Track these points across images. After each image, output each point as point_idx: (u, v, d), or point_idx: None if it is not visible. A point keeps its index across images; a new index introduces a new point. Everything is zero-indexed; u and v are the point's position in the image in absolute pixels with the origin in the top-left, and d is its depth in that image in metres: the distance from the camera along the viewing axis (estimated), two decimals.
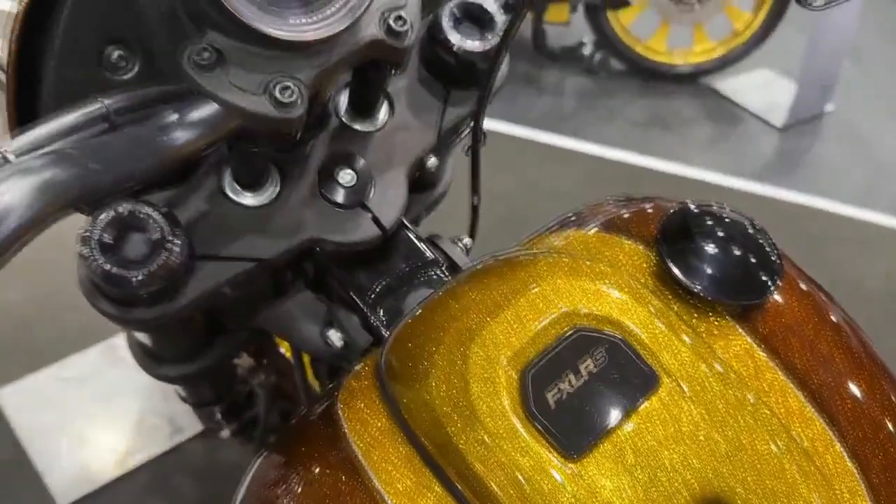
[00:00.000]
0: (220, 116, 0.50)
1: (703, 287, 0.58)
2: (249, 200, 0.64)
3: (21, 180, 0.38)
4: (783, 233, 2.60)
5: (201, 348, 0.80)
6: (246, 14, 0.46)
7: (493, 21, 0.70)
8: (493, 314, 0.54)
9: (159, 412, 1.83)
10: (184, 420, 1.80)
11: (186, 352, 0.80)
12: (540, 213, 0.77)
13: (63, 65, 0.53)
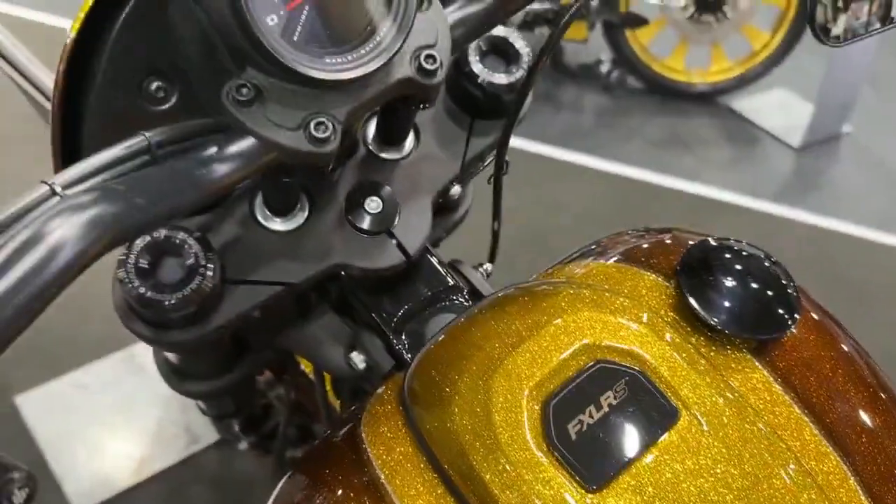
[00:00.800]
0: (258, 150, 0.51)
1: (722, 321, 0.59)
2: (279, 226, 0.66)
3: (72, 216, 0.40)
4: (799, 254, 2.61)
5: (226, 366, 0.82)
6: (285, 55, 0.48)
7: (519, 54, 0.72)
8: (515, 345, 0.55)
9: (176, 421, 1.85)
10: (200, 429, 1.82)
11: (212, 369, 0.82)
12: (555, 229, 0.79)
13: (105, 95, 0.55)
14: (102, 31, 0.54)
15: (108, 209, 0.42)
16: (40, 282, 0.37)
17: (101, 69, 0.54)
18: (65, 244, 0.39)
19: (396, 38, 0.53)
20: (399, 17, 0.53)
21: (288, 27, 0.49)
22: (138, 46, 0.55)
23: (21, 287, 0.37)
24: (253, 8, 0.47)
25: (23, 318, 0.37)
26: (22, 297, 0.37)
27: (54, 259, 0.38)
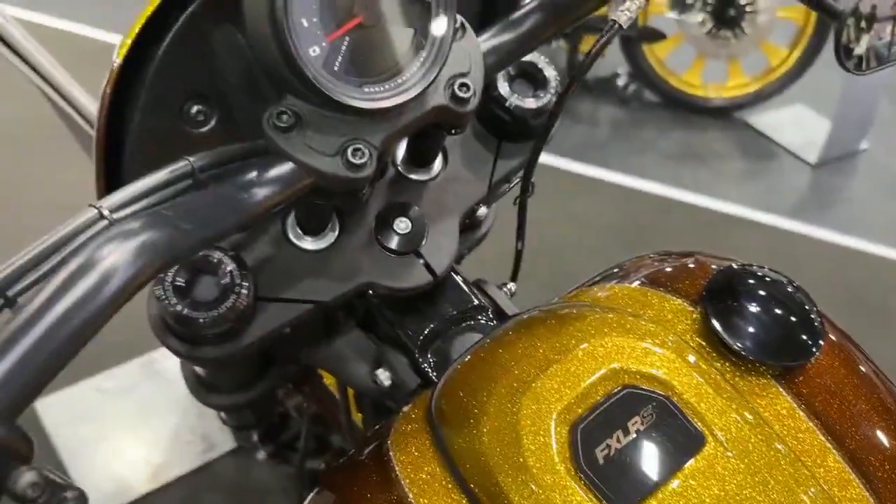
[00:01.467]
0: (296, 175, 0.53)
1: (747, 348, 0.60)
2: (310, 245, 0.68)
3: (123, 243, 0.42)
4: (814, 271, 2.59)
5: (252, 380, 0.84)
6: (327, 85, 0.50)
7: (546, 79, 0.73)
8: (543, 368, 0.56)
9: (193, 428, 1.86)
10: (217, 437, 1.84)
11: (238, 383, 0.83)
12: (568, 242, 0.80)
13: (148, 118, 0.57)
14: (146, 56, 0.55)
15: (158, 235, 0.43)
16: (93, 307, 0.39)
17: (144, 93, 0.56)
18: (116, 270, 0.40)
19: (433, 67, 0.54)
20: (435, 47, 0.54)
21: (329, 58, 0.50)
22: (181, 71, 0.56)
23: (74, 312, 0.38)
24: (296, 40, 0.48)
25: (76, 342, 0.38)
26: (75, 322, 0.38)
27: (106, 285, 0.40)
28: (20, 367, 0.36)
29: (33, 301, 0.39)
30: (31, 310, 0.38)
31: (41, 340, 0.37)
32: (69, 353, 0.38)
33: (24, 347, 0.37)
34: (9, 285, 0.43)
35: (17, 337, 0.37)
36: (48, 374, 0.37)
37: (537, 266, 0.81)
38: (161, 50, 0.55)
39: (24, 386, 0.36)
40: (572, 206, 2.66)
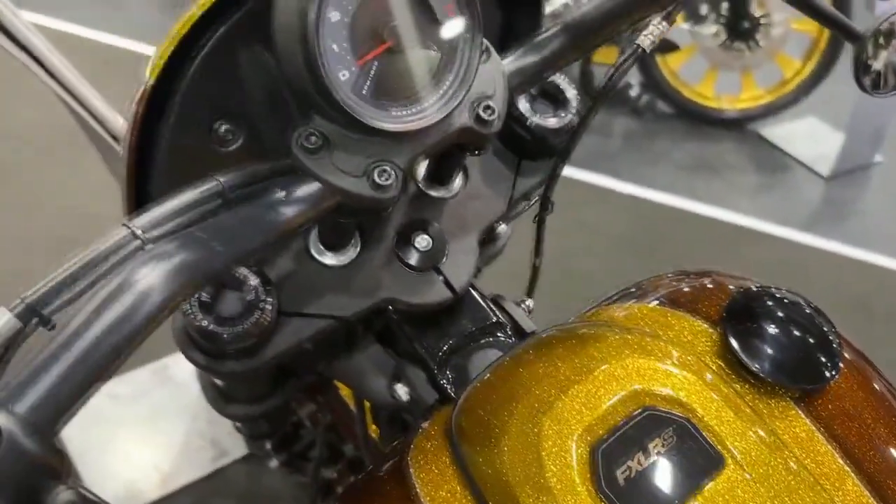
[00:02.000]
0: (322, 195, 0.54)
1: (767, 370, 0.60)
2: (331, 260, 0.68)
3: (158, 265, 0.43)
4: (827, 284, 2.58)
5: (270, 391, 0.84)
6: (356, 109, 0.50)
7: (567, 99, 0.74)
8: (564, 389, 0.57)
9: (204, 434, 1.87)
10: (228, 443, 1.84)
11: (256, 394, 0.84)
12: (579, 252, 0.81)
13: (177, 136, 0.58)
14: (176, 74, 0.56)
15: (191, 257, 0.44)
16: (129, 328, 0.40)
17: (174, 112, 0.57)
18: (152, 292, 0.41)
19: (459, 90, 0.55)
20: (462, 70, 0.55)
21: (358, 81, 0.51)
22: (211, 91, 0.57)
23: (111, 333, 0.39)
24: (327, 64, 0.49)
25: (112, 362, 0.39)
26: (112, 343, 0.39)
27: (142, 306, 0.40)
28: (58, 385, 0.37)
29: (71, 321, 0.40)
30: (69, 330, 0.39)
31: (79, 360, 0.38)
32: (105, 373, 0.39)
33: (63, 367, 0.37)
34: (43, 303, 0.44)
35: (56, 356, 0.38)
36: (85, 394, 0.38)
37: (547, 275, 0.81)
38: (191, 70, 0.56)
39: (61, 405, 0.37)
40: (584, 215, 2.66)
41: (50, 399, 0.37)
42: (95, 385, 0.39)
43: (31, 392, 0.37)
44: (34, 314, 0.44)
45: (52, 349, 0.38)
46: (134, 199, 0.59)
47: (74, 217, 2.47)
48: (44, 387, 0.37)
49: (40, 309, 0.44)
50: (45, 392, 0.37)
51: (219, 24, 0.56)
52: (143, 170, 0.60)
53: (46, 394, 0.37)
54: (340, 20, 0.49)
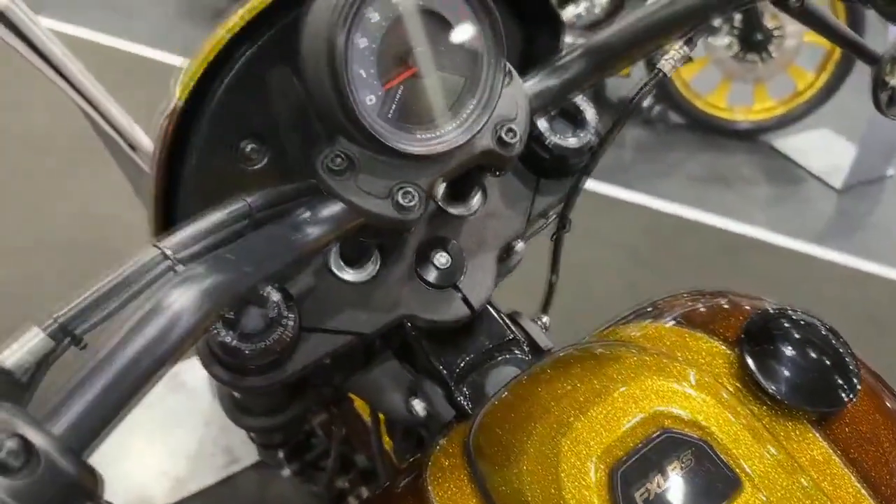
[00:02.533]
0: (346, 215, 0.54)
1: (784, 393, 0.60)
2: (352, 277, 0.69)
3: (189, 287, 0.43)
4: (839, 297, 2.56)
5: (287, 403, 0.85)
6: (382, 133, 0.51)
7: (586, 119, 0.75)
8: (583, 410, 0.57)
9: (216, 441, 1.88)
10: (240, 451, 1.85)
11: (273, 407, 0.85)
12: (589, 262, 0.81)
13: (204, 155, 0.59)
14: (204, 95, 0.57)
15: (221, 279, 0.45)
16: (162, 351, 0.40)
17: (202, 132, 0.57)
18: (183, 315, 0.42)
19: (482, 114, 0.55)
20: (485, 94, 0.55)
21: (384, 106, 0.52)
22: (237, 111, 0.58)
23: (144, 356, 0.40)
24: (354, 89, 0.50)
25: (145, 384, 0.40)
26: (145, 365, 0.40)
27: (175, 329, 0.41)
28: (94, 407, 0.38)
29: (106, 343, 0.40)
30: (104, 352, 0.40)
31: (114, 382, 0.39)
32: (139, 395, 0.40)
33: (98, 389, 0.38)
34: (75, 323, 0.45)
35: (91, 378, 0.39)
36: (119, 415, 0.39)
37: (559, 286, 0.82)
38: (219, 90, 0.57)
39: (97, 426, 0.38)
40: (596, 226, 2.67)
41: (86, 420, 0.37)
42: (129, 407, 0.40)
43: (67, 413, 0.37)
44: (66, 333, 0.44)
45: (88, 371, 0.39)
46: (161, 216, 0.60)
47: (90, 222, 2.50)
48: (79, 408, 0.37)
49: (72, 328, 0.45)
50: (80, 413, 0.37)
51: (246, 47, 0.57)
52: (168, 187, 0.61)
53: (82, 415, 0.37)
54: (368, 46, 0.50)
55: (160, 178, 0.58)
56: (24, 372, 0.43)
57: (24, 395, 0.42)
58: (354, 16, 0.48)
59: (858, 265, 2.66)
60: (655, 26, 0.62)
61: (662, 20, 0.62)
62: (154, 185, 0.58)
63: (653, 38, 0.62)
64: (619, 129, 0.67)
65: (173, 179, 0.60)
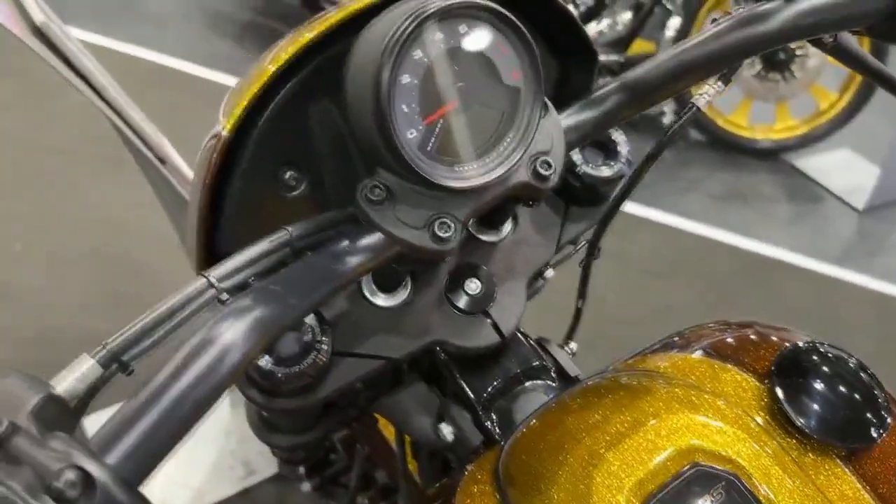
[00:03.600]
0: (384, 245, 0.55)
1: (815, 428, 0.61)
2: (383, 302, 0.70)
3: (237, 320, 0.44)
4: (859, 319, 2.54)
5: (313, 423, 0.86)
6: (422, 167, 0.52)
7: (618, 148, 0.75)
8: (614, 442, 0.57)
9: (234, 453, 1.89)
10: (258, 463, 1.86)
11: (301, 426, 0.86)
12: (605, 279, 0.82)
13: (245, 184, 0.60)
14: (247, 126, 0.58)
15: (268, 312, 0.46)
16: (212, 382, 0.42)
17: (244, 161, 0.59)
18: (232, 347, 0.43)
19: (520, 147, 0.56)
20: (523, 128, 0.56)
21: (424, 140, 0.53)
22: (279, 141, 0.59)
23: (194, 388, 0.41)
24: (397, 125, 0.51)
25: (195, 416, 0.41)
26: (195, 397, 0.41)
27: (224, 361, 0.42)
28: (146, 438, 0.39)
29: (158, 375, 0.42)
30: (156, 384, 0.41)
31: (166, 414, 0.40)
32: (189, 426, 0.41)
33: (151, 420, 0.39)
34: (124, 351, 0.46)
35: (144, 409, 0.40)
36: (169, 447, 0.40)
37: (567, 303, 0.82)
38: (262, 121, 0.58)
39: (150, 457, 0.39)
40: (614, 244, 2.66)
41: (140, 452, 0.38)
42: (181, 438, 0.41)
43: (121, 444, 0.38)
44: (115, 361, 0.46)
45: (142, 402, 0.40)
46: (203, 241, 0.61)
47: (114, 230, 2.53)
48: (134, 439, 0.39)
49: (121, 356, 0.46)
50: (135, 445, 0.38)
51: (290, 79, 0.58)
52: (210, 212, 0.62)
53: (136, 446, 0.38)
54: (411, 82, 0.51)
55: (204, 207, 0.59)
56: (75, 399, 0.44)
57: (74, 422, 0.44)
58: (400, 55, 0.49)
59: (880, 287, 2.64)
60: (692, 64, 0.63)
61: (700, 58, 0.62)
62: (198, 212, 0.59)
63: (689, 75, 0.63)
64: (652, 163, 0.68)
65: (213, 204, 0.62)
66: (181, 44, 3.69)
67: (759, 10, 0.61)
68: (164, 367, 0.42)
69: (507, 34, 0.54)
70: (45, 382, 0.43)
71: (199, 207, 0.59)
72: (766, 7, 0.61)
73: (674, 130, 0.65)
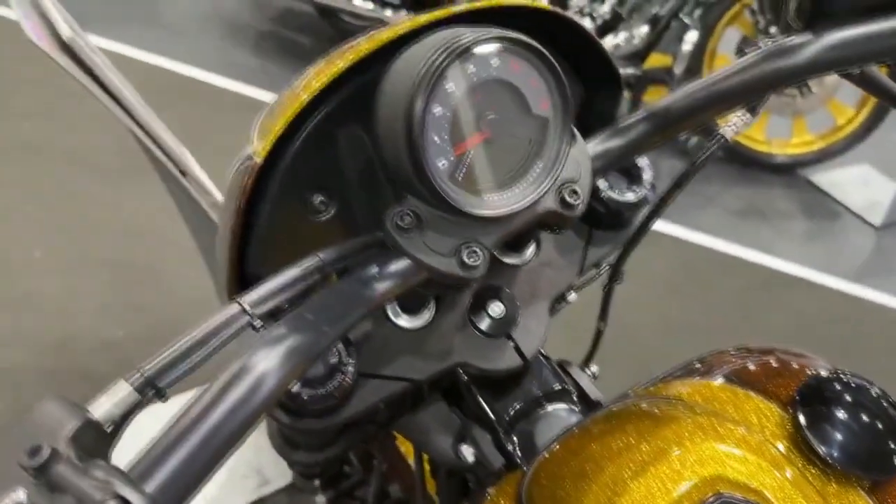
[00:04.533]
0: (412, 271, 0.56)
1: (838, 458, 0.60)
2: (407, 323, 0.70)
3: (272, 350, 0.45)
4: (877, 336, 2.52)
5: (334, 440, 0.86)
6: (452, 196, 0.53)
7: (642, 174, 0.76)
8: (638, 471, 0.58)
9: (249, 462, 1.90)
10: (271, 472, 1.87)
11: (322, 443, 0.86)
12: (626, 293, 0.82)
13: (276, 207, 0.61)
14: (278, 150, 0.59)
15: (302, 340, 0.46)
16: (248, 411, 0.42)
17: (274, 186, 0.59)
18: (267, 377, 0.44)
19: (548, 177, 0.57)
20: (551, 157, 0.57)
21: (454, 169, 0.53)
22: (309, 166, 0.60)
23: (231, 418, 0.42)
24: (429, 156, 0.51)
25: (233, 443, 0.41)
26: (232, 426, 0.42)
27: (259, 390, 0.43)
28: (184, 467, 0.40)
29: (195, 404, 0.42)
30: (193, 413, 0.42)
31: (202, 443, 0.40)
32: (226, 455, 0.41)
33: (188, 449, 0.40)
34: (159, 377, 0.47)
35: (181, 439, 0.40)
36: (206, 475, 0.41)
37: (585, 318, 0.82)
38: (293, 147, 0.59)
39: (186, 486, 0.40)
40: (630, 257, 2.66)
41: (178, 481, 0.39)
42: (217, 467, 0.41)
43: (160, 473, 0.39)
44: (151, 386, 0.46)
45: (179, 431, 0.41)
46: (235, 267, 0.62)
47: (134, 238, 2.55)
48: (171, 468, 0.39)
49: (157, 381, 0.46)
50: (173, 473, 0.39)
51: (320, 106, 0.59)
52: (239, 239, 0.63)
53: (175, 475, 0.39)
54: (443, 113, 0.52)
55: (236, 230, 0.60)
56: (110, 423, 0.45)
57: (109, 447, 0.44)
58: (433, 87, 0.50)
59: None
60: (720, 95, 0.63)
61: (727, 89, 0.63)
62: (230, 235, 0.60)
63: (716, 106, 0.63)
64: (678, 192, 0.68)
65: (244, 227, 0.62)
66: (199, 53, 3.73)
67: (788, 43, 0.62)
68: (202, 396, 0.43)
69: (538, 65, 0.54)
70: (82, 407, 0.44)
71: (231, 231, 0.59)
72: (794, 40, 0.62)
73: (701, 161, 0.66)
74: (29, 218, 2.59)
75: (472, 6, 0.59)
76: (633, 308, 2.40)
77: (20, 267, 2.40)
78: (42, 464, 0.37)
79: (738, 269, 2.73)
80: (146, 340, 2.17)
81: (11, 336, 2.16)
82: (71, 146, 2.93)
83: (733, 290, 2.64)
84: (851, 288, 2.68)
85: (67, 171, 2.82)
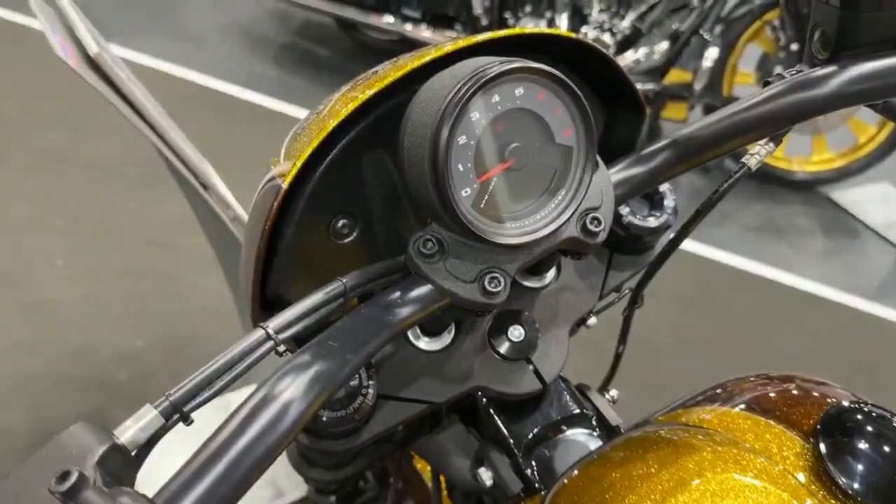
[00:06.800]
0: (435, 297, 0.56)
1: (859, 490, 0.60)
2: (427, 345, 0.71)
3: (298, 376, 0.46)
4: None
5: (351, 458, 0.87)
6: (476, 224, 0.53)
7: (664, 200, 0.76)
8: (659, 501, 0.57)
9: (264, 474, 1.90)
10: (285, 484, 1.87)
11: (339, 461, 0.87)
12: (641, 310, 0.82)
13: (300, 230, 0.61)
14: (303, 174, 0.60)
15: (327, 367, 0.47)
16: (273, 439, 0.43)
17: (299, 208, 0.60)
18: (293, 404, 0.44)
19: (571, 204, 0.57)
20: (574, 185, 0.57)
21: (478, 197, 0.54)
22: (333, 190, 0.61)
23: (257, 445, 0.42)
24: (453, 184, 0.52)
25: (258, 471, 0.42)
26: (257, 453, 0.42)
27: (284, 418, 0.43)
28: (209, 496, 0.40)
29: (220, 432, 0.43)
30: (219, 440, 0.42)
31: (228, 471, 0.41)
32: (250, 483, 0.42)
33: (214, 476, 0.41)
34: (185, 401, 0.47)
35: (206, 467, 0.41)
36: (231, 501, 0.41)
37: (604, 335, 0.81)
38: (318, 171, 0.59)
39: None
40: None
41: None
42: (242, 494, 0.42)
43: (187, 499, 0.40)
44: (176, 411, 0.47)
45: (205, 459, 0.41)
46: (259, 289, 0.63)
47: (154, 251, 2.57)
48: (197, 496, 0.40)
49: (182, 406, 0.47)
50: (198, 499, 0.40)
51: (346, 132, 0.59)
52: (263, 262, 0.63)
53: (200, 501, 0.40)
54: (467, 143, 0.52)
55: (262, 253, 0.60)
56: (135, 448, 0.45)
57: (134, 471, 0.45)
58: (458, 116, 0.51)
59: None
60: (744, 125, 0.63)
61: (752, 120, 0.63)
62: (255, 263, 0.60)
63: (740, 136, 0.63)
64: (701, 219, 0.68)
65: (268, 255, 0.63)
66: (220, 64, 3.76)
67: (813, 75, 0.62)
68: (227, 423, 0.43)
69: (562, 95, 0.55)
70: (109, 432, 0.44)
71: (256, 252, 0.60)
72: (819, 72, 0.62)
73: (724, 190, 0.66)
74: (52, 227, 2.62)
75: (496, 35, 0.59)
76: (645, 322, 2.39)
77: (42, 275, 2.42)
78: (69, 488, 0.37)
79: (753, 286, 2.71)
80: (164, 350, 2.19)
81: (32, 344, 2.18)
82: (94, 156, 2.96)
83: (750, 307, 2.62)
84: (870, 307, 2.66)
85: (90, 180, 2.85)
